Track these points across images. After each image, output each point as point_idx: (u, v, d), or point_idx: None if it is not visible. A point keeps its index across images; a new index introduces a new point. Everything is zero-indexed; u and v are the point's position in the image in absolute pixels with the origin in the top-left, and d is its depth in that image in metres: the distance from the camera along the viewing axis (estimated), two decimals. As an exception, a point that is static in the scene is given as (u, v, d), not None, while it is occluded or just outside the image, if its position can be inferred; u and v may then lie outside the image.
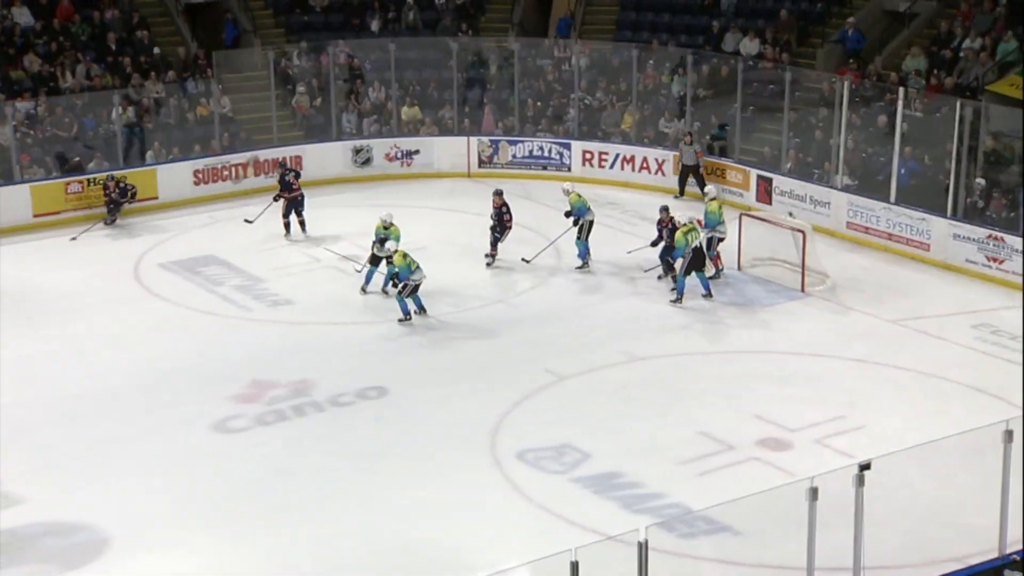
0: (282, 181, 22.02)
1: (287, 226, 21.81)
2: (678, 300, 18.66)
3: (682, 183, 23.67)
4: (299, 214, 21.88)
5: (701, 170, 23.52)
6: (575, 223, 19.99)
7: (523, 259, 20.19)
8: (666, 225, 19.04)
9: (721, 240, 19.65)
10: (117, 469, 14.15)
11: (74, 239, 21.60)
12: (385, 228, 18.90)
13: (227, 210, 23.38)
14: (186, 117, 25.41)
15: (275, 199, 21.94)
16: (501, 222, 20.11)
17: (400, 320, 17.97)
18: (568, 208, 20.15)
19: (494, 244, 20.22)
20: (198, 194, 23.92)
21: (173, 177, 23.87)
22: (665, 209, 19.40)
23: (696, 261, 18.63)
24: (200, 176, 24.12)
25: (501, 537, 12.70)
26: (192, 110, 25.50)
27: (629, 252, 19.95)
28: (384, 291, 18.93)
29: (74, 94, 24.73)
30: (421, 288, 18.06)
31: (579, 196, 20.18)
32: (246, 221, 21.81)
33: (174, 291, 19.48)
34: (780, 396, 15.74)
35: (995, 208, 20.25)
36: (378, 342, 17.66)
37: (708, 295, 18.73)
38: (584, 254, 20.06)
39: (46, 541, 12.75)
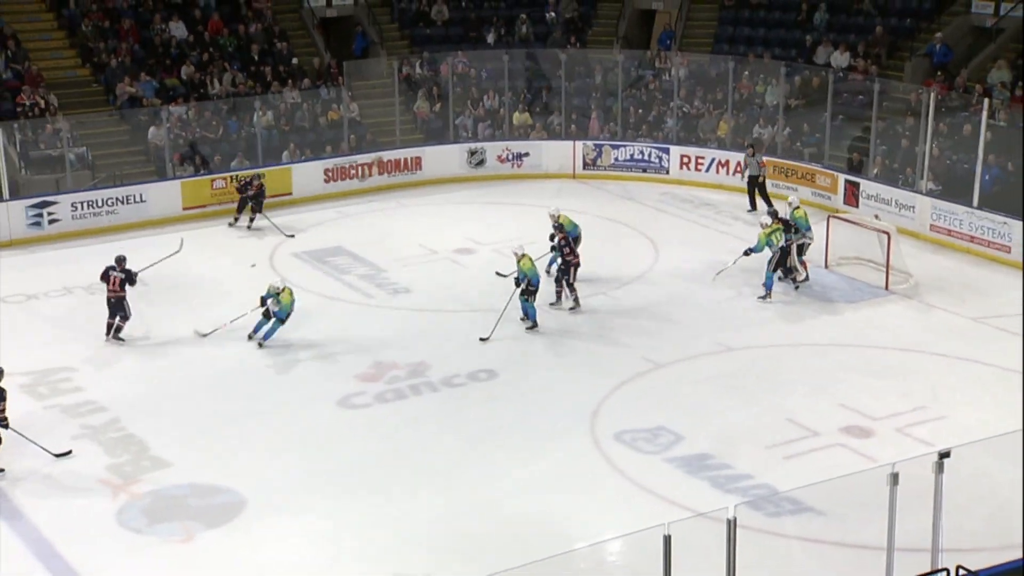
0: (262, 192, 22.24)
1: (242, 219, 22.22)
2: (766, 296, 18.41)
3: (752, 195, 22.76)
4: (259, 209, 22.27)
5: (763, 179, 22.74)
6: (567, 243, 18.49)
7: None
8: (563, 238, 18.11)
9: (809, 245, 19.30)
10: (253, 438, 14.43)
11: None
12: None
13: (354, 206, 23.71)
14: (319, 121, 25.78)
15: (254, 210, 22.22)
16: (563, 258, 18.03)
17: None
18: (552, 232, 18.74)
19: (571, 286, 17.93)
20: (328, 191, 24.24)
21: (306, 175, 24.21)
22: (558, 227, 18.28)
23: (781, 260, 18.38)
24: (330, 174, 24.44)
25: (599, 512, 12.69)
26: (324, 114, 25.87)
27: (718, 273, 18.98)
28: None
29: (220, 99, 25.26)
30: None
31: (569, 219, 19.01)
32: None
33: (305, 279, 19.75)
34: (864, 387, 15.45)
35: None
36: (489, 328, 17.71)
37: (766, 296, 18.34)
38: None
39: (190, 501, 13.06)
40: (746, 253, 18.57)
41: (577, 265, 18.04)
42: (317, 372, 16.22)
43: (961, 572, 9.63)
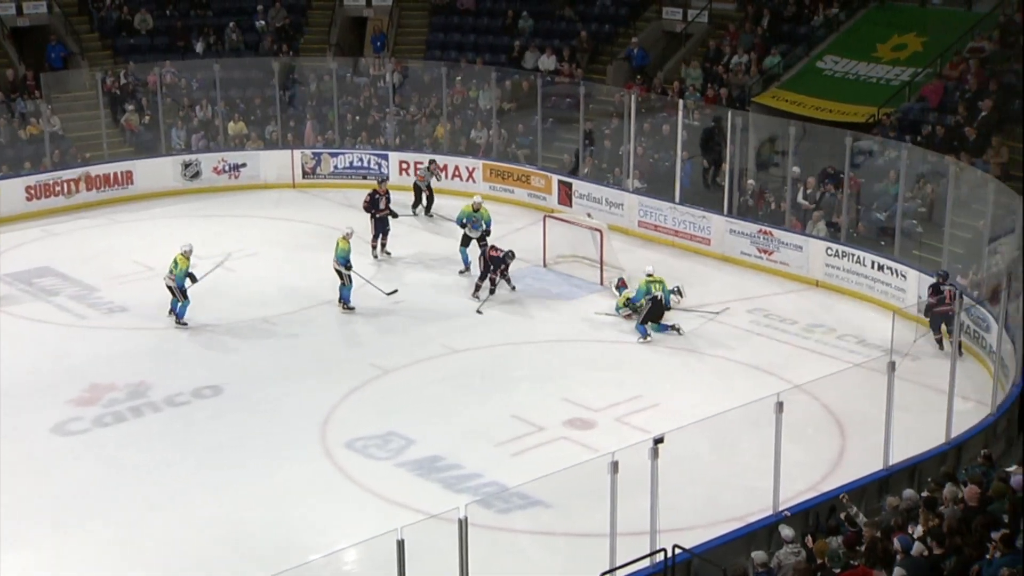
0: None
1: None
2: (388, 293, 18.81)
3: (417, 199, 23.00)
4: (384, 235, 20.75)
5: (429, 185, 23.19)
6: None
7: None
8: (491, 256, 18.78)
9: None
10: (-43, 476, 13.48)
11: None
12: (475, 211, 19.44)
13: (62, 223, 22.53)
14: (18, 135, 24.31)
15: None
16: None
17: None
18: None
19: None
20: (31, 209, 22.94)
21: (5, 193, 22.79)
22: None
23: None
24: (32, 192, 23.12)
25: (333, 521, 12.62)
26: (22, 129, 24.42)
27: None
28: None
29: (-100, 114, 23.45)
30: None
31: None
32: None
33: (10, 302, 18.61)
34: (584, 380, 16.03)
35: (763, 206, 21.06)
36: (211, 344, 17.28)
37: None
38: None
39: None
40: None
41: None
42: (26, 399, 15.31)
43: (677, 551, 10.16)
